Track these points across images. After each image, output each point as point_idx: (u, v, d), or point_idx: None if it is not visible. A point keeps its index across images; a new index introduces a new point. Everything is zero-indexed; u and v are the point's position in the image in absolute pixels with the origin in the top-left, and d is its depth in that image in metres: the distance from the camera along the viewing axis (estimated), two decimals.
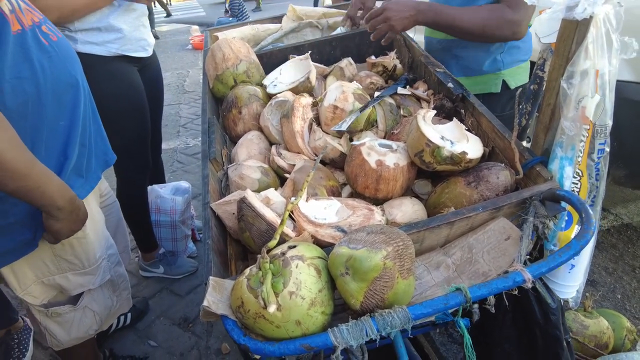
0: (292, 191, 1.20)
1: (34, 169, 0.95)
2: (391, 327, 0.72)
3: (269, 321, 0.73)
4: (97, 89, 1.76)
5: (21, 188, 0.94)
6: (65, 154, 1.15)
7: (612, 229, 2.56)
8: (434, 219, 0.97)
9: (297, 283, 0.74)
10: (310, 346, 0.72)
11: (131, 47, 1.88)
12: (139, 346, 2.07)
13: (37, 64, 1.05)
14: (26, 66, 1.02)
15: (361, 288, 0.75)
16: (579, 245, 0.81)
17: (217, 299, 0.81)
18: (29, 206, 1.09)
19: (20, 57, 1.01)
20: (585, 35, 0.88)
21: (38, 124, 1.06)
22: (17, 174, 0.91)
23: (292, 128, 1.36)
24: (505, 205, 0.98)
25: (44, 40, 1.10)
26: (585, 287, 1.25)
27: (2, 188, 0.92)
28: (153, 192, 2.40)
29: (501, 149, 1.18)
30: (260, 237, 0.99)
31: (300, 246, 0.82)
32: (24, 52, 1.02)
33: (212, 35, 2.21)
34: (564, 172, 1.02)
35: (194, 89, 5.88)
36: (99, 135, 1.34)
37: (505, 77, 1.60)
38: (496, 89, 1.61)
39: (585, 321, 1.53)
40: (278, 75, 1.70)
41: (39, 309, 1.35)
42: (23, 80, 1.01)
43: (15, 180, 0.91)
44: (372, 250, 0.75)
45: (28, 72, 1.02)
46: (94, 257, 1.34)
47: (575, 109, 0.95)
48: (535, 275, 0.78)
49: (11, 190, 0.93)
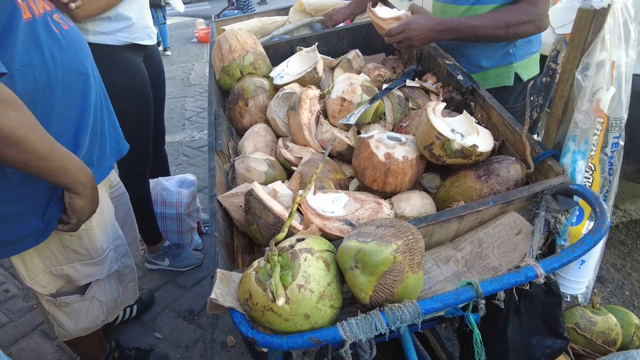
0: (299, 184, 1.19)
1: (55, 149, 0.98)
2: (401, 321, 0.71)
3: (277, 314, 0.73)
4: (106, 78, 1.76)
5: (45, 168, 0.97)
6: (76, 142, 1.15)
7: (621, 225, 2.54)
8: (443, 213, 0.95)
9: (305, 276, 0.73)
10: (319, 340, 0.71)
11: (139, 35, 1.88)
12: (145, 338, 2.08)
13: (48, 52, 1.05)
14: (37, 54, 1.02)
15: (370, 282, 0.74)
16: (592, 241, 0.80)
17: (225, 291, 0.81)
18: (39, 195, 1.10)
19: (30, 45, 1.01)
20: (602, 25, 0.85)
21: (48, 112, 1.06)
22: (41, 154, 0.94)
23: (299, 120, 1.34)
24: (516, 199, 0.97)
25: (55, 29, 1.10)
26: (593, 284, 1.23)
27: (28, 169, 0.95)
28: (158, 185, 2.39)
29: (512, 142, 1.17)
30: (267, 230, 0.98)
31: (308, 239, 0.81)
32: (34, 40, 1.02)
33: (218, 27, 2.19)
34: (577, 166, 1.00)
35: (199, 82, 5.86)
36: (112, 124, 1.34)
37: (517, 69, 1.58)
38: (509, 82, 1.59)
39: (594, 317, 1.51)
40: (285, 67, 1.69)
41: (47, 298, 1.36)
42: (33, 67, 1.01)
43: (40, 160, 0.95)
44: (382, 244, 0.74)
45: (38, 60, 1.02)
46: (101, 247, 1.35)
47: (590, 102, 0.93)
48: (548, 270, 0.77)
49: (36, 170, 0.96)
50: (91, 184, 1.11)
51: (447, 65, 1.46)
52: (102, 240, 1.35)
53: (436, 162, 1.11)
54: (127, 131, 1.86)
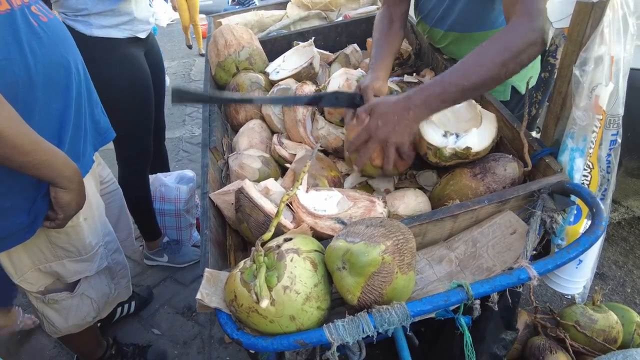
0: (293, 181, 1.17)
1: (38, 142, 0.97)
2: (389, 324, 0.70)
3: (263, 316, 0.71)
4: (109, 72, 1.76)
5: (28, 162, 0.96)
6: (59, 136, 1.14)
7: (623, 222, 2.50)
8: (437, 212, 0.93)
9: (291, 277, 0.72)
10: (305, 342, 0.70)
11: (140, 27, 1.87)
12: (143, 334, 2.08)
13: (27, 45, 1.02)
14: (15, 47, 1.00)
15: (358, 283, 0.73)
16: (588, 242, 0.78)
17: (212, 291, 0.79)
18: (25, 189, 1.08)
19: (9, 37, 0.98)
20: (600, 18, 0.83)
21: (30, 106, 1.04)
22: (23, 148, 0.93)
23: (294, 116, 1.33)
24: (512, 198, 0.95)
25: (34, 21, 1.07)
26: (594, 281, 1.21)
27: (10, 164, 0.94)
28: (157, 181, 2.39)
29: (509, 139, 1.14)
30: (257, 229, 0.97)
31: (296, 239, 0.80)
32: (12, 33, 0.99)
33: (215, 21, 2.17)
34: (575, 164, 0.98)
35: (200, 77, 5.84)
36: (92, 118, 1.31)
37: (514, 82, 1.42)
38: (505, 97, 1.44)
39: (594, 315, 1.49)
40: (281, 62, 1.66)
41: (35, 295, 1.35)
42: (12, 61, 0.98)
43: (22, 155, 0.93)
44: (370, 244, 0.72)
45: (17, 54, 1.00)
46: (90, 244, 1.33)
47: (588, 98, 0.90)
48: (541, 272, 0.75)
49: (19, 165, 0.95)
50: (77, 178, 1.09)
51: (445, 60, 1.43)
52: (91, 236, 1.33)
53: (437, 166, 1.09)
54: (128, 127, 1.86)
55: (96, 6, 1.68)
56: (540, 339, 1.43)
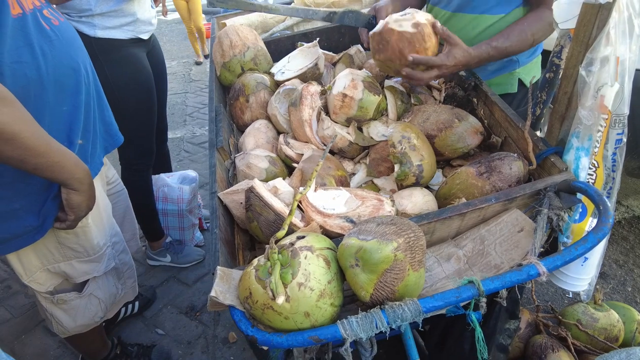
0: (300, 181, 1.18)
1: (51, 144, 0.98)
2: (402, 319, 0.71)
3: (278, 312, 0.72)
4: (112, 73, 1.77)
5: (41, 165, 0.96)
6: (69, 139, 1.15)
7: (624, 221, 2.52)
8: (445, 210, 0.95)
9: (306, 274, 0.73)
10: (319, 338, 0.71)
11: (143, 28, 1.88)
12: (147, 334, 2.08)
13: (38, 48, 1.03)
14: (27, 50, 1.01)
15: (371, 280, 0.74)
16: (595, 239, 0.79)
17: (225, 289, 0.80)
18: (34, 192, 1.09)
19: (20, 41, 1.00)
20: (607, 20, 0.84)
21: (40, 109, 1.05)
22: (37, 150, 0.94)
23: (300, 116, 1.34)
24: (519, 197, 0.96)
25: (45, 25, 1.08)
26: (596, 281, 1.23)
27: (24, 166, 0.94)
28: (160, 181, 2.39)
29: (514, 138, 1.16)
30: (268, 227, 0.98)
31: (309, 237, 0.81)
32: (24, 36, 1.01)
33: (219, 23, 2.18)
34: (580, 163, 0.99)
35: (200, 77, 5.84)
36: (102, 120, 1.33)
37: (520, 75, 1.52)
38: (512, 89, 1.54)
39: (595, 314, 1.51)
40: (286, 63, 1.68)
41: (44, 295, 1.36)
42: (24, 64, 1.00)
43: (36, 157, 0.94)
44: (382, 242, 0.74)
45: (29, 57, 1.01)
46: (97, 244, 1.34)
47: (594, 98, 0.92)
48: (551, 268, 0.76)
49: (32, 167, 0.96)
50: (88, 180, 1.10)
51: None
52: (99, 237, 1.34)
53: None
54: (131, 127, 1.87)
55: (100, 6, 1.69)
56: (542, 337, 1.45)
